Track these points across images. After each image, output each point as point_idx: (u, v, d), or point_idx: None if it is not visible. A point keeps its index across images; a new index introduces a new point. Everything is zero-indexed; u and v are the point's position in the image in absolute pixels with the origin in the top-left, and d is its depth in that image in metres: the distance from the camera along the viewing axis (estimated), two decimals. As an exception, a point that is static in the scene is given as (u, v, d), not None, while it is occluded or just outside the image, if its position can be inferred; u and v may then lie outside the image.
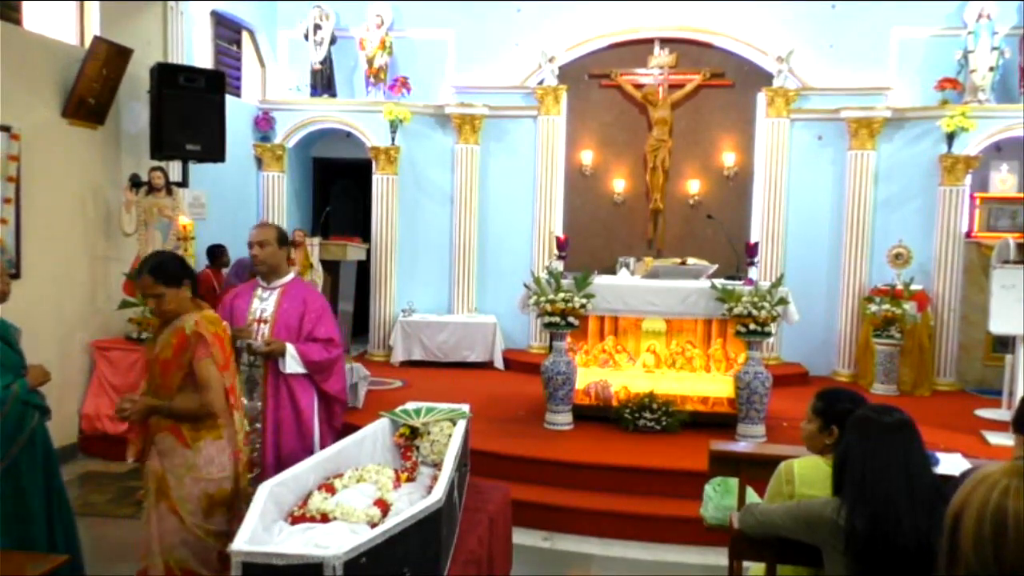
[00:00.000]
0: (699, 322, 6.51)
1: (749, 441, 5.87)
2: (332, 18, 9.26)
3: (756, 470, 3.40)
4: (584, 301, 6.13)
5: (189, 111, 6.77)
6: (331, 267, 8.04)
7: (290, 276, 3.99)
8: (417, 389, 7.47)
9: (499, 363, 8.95)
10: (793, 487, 2.65)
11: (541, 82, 9.19)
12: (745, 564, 2.94)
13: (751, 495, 3.41)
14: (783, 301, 6.09)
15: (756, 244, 7.01)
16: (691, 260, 6.99)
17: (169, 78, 6.74)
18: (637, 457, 5.63)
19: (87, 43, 6.44)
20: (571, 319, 6.11)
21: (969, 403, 7.62)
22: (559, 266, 6.88)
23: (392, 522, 2.54)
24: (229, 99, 7.45)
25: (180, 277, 3.19)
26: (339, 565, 2.29)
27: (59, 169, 6.17)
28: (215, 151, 7.07)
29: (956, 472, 2.78)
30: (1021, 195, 8.36)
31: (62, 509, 3.41)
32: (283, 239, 3.97)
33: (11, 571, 2.66)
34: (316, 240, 8.16)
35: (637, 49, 9.23)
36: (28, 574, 2.63)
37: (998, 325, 6.57)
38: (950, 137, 8.20)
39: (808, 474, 2.65)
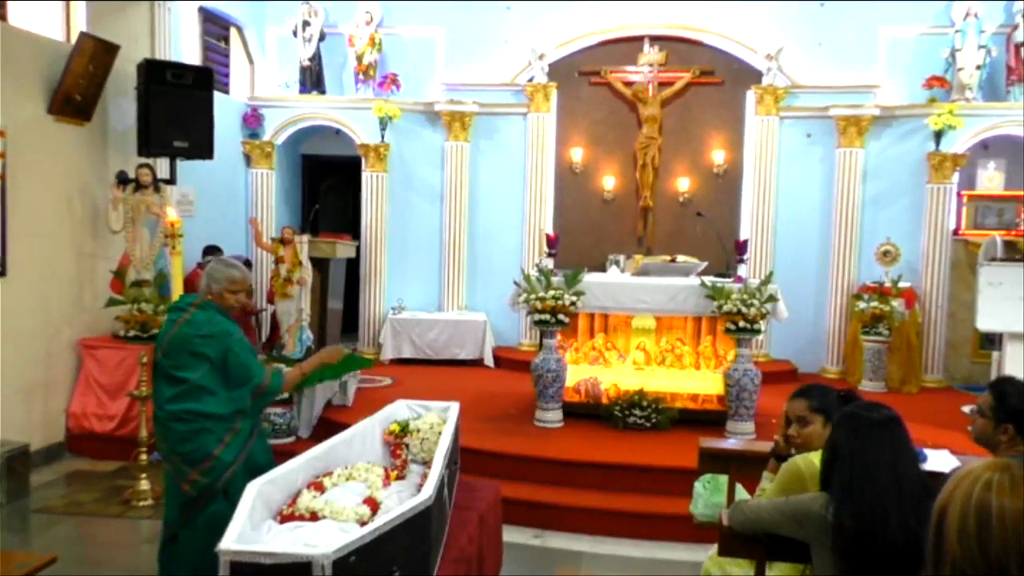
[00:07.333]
0: (689, 319, 6.53)
1: (738, 438, 5.87)
2: (321, 15, 9.22)
3: (745, 467, 3.41)
4: (574, 299, 6.13)
5: (177, 108, 6.72)
6: (321, 265, 8.01)
7: None
8: (407, 387, 7.45)
9: (489, 361, 8.94)
10: (814, 486, 2.49)
11: (531, 79, 9.18)
12: (735, 561, 2.94)
13: (740, 492, 3.42)
14: (772, 298, 6.11)
15: (745, 241, 7.02)
16: (681, 257, 7.00)
17: (157, 75, 6.68)
18: (627, 454, 5.64)
19: (74, 39, 6.39)
20: (561, 317, 6.12)
21: (957, 400, 7.66)
22: (549, 264, 6.86)
23: (382, 520, 2.53)
24: (217, 96, 7.40)
25: None
26: (328, 564, 2.27)
27: (45, 166, 6.12)
28: (203, 148, 7.03)
29: (944, 469, 2.79)
30: (1008, 193, 8.43)
31: None
32: None
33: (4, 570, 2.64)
34: (305, 238, 8.12)
35: (627, 47, 9.23)
36: (13, 573, 2.61)
37: (985, 322, 6.61)
38: (938, 135, 8.25)
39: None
